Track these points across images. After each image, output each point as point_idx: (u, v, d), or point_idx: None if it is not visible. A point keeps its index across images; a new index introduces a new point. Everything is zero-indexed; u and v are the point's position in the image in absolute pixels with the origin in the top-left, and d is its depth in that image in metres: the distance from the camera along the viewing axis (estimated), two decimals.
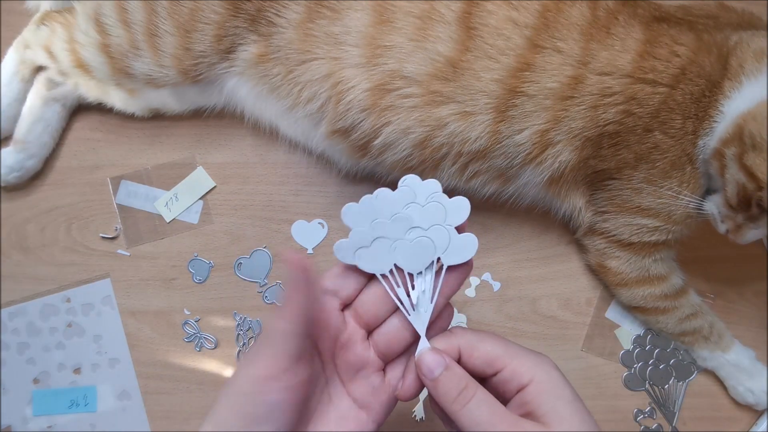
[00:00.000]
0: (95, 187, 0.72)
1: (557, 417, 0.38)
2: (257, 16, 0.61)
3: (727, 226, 0.61)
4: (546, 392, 0.39)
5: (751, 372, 0.68)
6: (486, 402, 0.39)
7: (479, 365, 0.41)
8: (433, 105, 0.60)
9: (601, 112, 0.59)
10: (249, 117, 0.71)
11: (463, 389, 0.39)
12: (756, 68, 0.58)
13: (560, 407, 0.39)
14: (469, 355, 0.41)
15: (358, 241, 0.41)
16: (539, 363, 0.40)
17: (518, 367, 0.40)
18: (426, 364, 0.40)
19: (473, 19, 0.59)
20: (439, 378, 0.40)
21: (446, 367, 0.40)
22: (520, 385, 0.40)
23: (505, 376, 0.40)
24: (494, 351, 0.41)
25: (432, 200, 0.41)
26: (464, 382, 0.40)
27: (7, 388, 0.68)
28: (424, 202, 0.41)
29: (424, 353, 0.41)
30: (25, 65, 0.70)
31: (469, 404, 0.39)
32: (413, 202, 0.41)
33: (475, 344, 0.41)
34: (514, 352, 0.41)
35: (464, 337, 0.42)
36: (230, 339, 0.70)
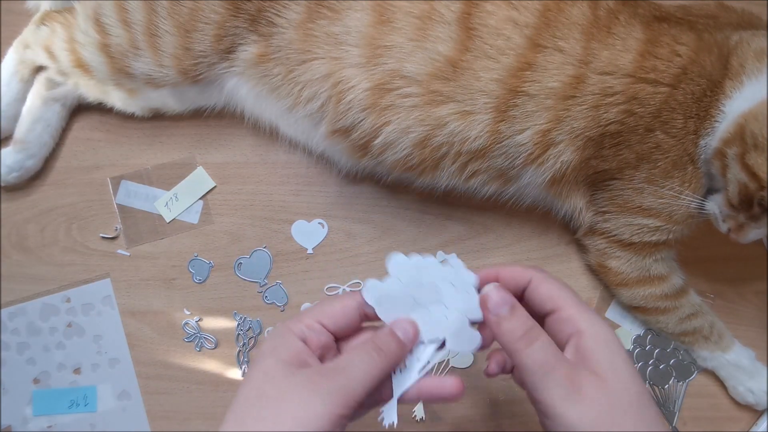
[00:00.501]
0: (95, 187, 0.72)
1: (613, 370, 0.38)
2: (257, 17, 0.61)
3: (729, 226, 0.61)
4: (603, 346, 0.39)
5: (751, 372, 0.68)
6: (550, 345, 0.40)
7: (542, 299, 0.42)
8: (432, 104, 0.60)
9: (602, 112, 0.59)
10: (249, 117, 0.71)
11: (529, 329, 0.40)
12: (757, 68, 0.58)
13: (618, 363, 0.39)
14: (536, 286, 0.42)
15: (388, 289, 0.43)
16: (598, 319, 0.41)
17: (578, 314, 0.41)
18: (494, 301, 0.42)
19: (473, 20, 0.59)
20: (506, 315, 0.41)
21: (512, 306, 0.41)
22: (576, 330, 0.40)
23: (564, 316, 0.41)
24: (557, 291, 0.42)
25: (465, 289, 0.43)
26: (530, 322, 0.41)
27: (7, 388, 0.68)
28: (458, 286, 0.43)
29: (491, 290, 0.42)
30: (24, 65, 0.70)
31: (536, 344, 0.39)
32: (450, 282, 0.44)
33: (544, 280, 0.43)
34: (577, 301, 0.42)
35: (538, 272, 0.43)
36: (230, 339, 0.70)
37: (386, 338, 0.41)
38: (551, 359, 0.39)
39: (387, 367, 0.40)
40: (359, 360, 0.40)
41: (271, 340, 0.42)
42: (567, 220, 0.71)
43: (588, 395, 0.37)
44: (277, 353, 0.40)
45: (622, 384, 0.38)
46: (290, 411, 0.37)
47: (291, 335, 0.41)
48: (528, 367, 0.39)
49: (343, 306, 0.43)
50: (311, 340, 0.42)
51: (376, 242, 0.73)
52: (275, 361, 0.40)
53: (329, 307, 0.43)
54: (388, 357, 0.40)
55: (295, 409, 0.37)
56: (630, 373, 0.39)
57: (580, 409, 0.37)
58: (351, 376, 0.39)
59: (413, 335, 0.42)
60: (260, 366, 0.40)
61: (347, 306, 0.43)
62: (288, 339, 0.41)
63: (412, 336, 0.42)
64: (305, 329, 0.42)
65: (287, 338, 0.41)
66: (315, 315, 0.43)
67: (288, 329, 0.42)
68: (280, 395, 0.38)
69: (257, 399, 0.38)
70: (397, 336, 0.42)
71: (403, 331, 0.42)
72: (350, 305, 0.43)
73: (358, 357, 0.40)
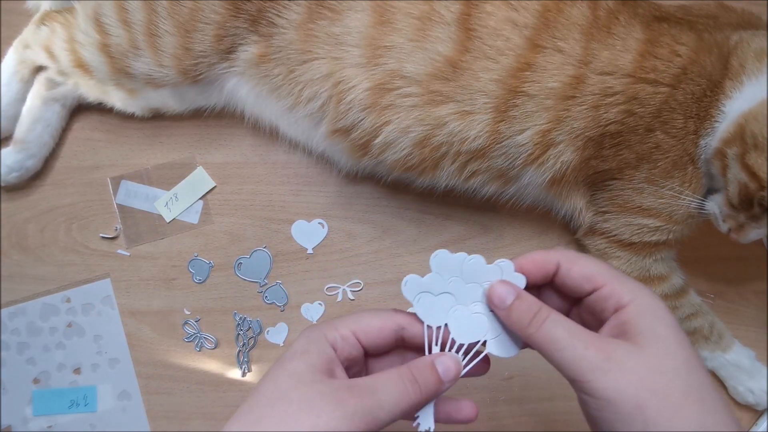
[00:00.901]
0: (95, 187, 0.72)
1: (653, 337, 0.36)
2: (258, 17, 0.61)
3: (729, 226, 0.61)
4: (645, 313, 0.37)
5: (751, 372, 0.68)
6: (561, 321, 0.38)
7: (578, 279, 0.40)
8: (432, 104, 0.60)
9: (602, 112, 0.59)
10: (249, 117, 0.71)
11: (537, 312, 0.39)
12: (757, 68, 0.58)
13: (659, 328, 0.37)
14: (568, 269, 0.40)
15: (430, 286, 0.42)
16: (641, 288, 0.39)
17: (620, 287, 0.38)
18: (497, 295, 0.40)
19: (472, 20, 0.59)
20: (512, 306, 0.40)
21: (517, 296, 0.40)
22: (619, 304, 0.38)
23: (605, 293, 0.39)
24: (594, 268, 0.40)
25: None
26: (537, 306, 0.39)
27: (7, 388, 0.68)
28: None
29: (495, 285, 0.41)
30: (24, 65, 0.70)
31: (545, 324, 0.38)
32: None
33: (576, 259, 0.40)
34: (616, 273, 0.39)
35: (565, 253, 0.41)
36: (230, 339, 0.70)
37: (425, 371, 0.39)
38: (565, 333, 0.37)
39: (419, 402, 0.38)
40: (392, 387, 0.38)
41: (302, 342, 0.40)
42: (567, 220, 0.71)
43: (621, 363, 0.35)
44: (307, 357, 0.38)
45: (664, 350, 0.36)
46: (311, 421, 0.35)
47: (324, 341, 0.40)
48: (545, 349, 0.38)
49: (381, 325, 0.41)
50: (342, 351, 0.40)
51: (376, 242, 0.73)
52: (304, 365, 0.38)
53: (367, 323, 0.41)
54: (423, 392, 0.38)
55: (316, 420, 0.35)
56: (675, 340, 0.36)
57: (614, 377, 0.35)
58: (380, 402, 0.37)
59: (454, 375, 0.40)
60: (288, 366, 0.38)
61: (386, 327, 0.41)
62: (321, 345, 0.39)
63: (453, 376, 0.40)
64: (339, 339, 0.40)
65: (320, 344, 0.39)
66: (351, 326, 0.41)
67: (322, 335, 0.40)
68: (304, 402, 0.36)
69: (279, 400, 0.37)
70: (437, 372, 0.40)
71: (444, 368, 0.40)
72: (389, 326, 0.41)
73: (392, 383, 0.38)
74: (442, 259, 0.42)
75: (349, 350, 0.40)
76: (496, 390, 0.70)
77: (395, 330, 0.41)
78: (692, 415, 0.34)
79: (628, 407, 0.34)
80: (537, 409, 0.70)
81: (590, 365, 0.35)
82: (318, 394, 0.36)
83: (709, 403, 0.35)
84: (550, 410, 0.70)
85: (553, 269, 0.41)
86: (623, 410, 0.34)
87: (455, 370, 0.40)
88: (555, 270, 0.41)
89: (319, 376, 0.37)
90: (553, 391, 0.70)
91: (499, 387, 0.70)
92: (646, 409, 0.34)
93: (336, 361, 0.39)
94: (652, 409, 0.34)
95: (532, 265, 0.41)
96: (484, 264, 0.42)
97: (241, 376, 0.70)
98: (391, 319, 0.42)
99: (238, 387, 0.69)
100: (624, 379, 0.35)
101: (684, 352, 0.36)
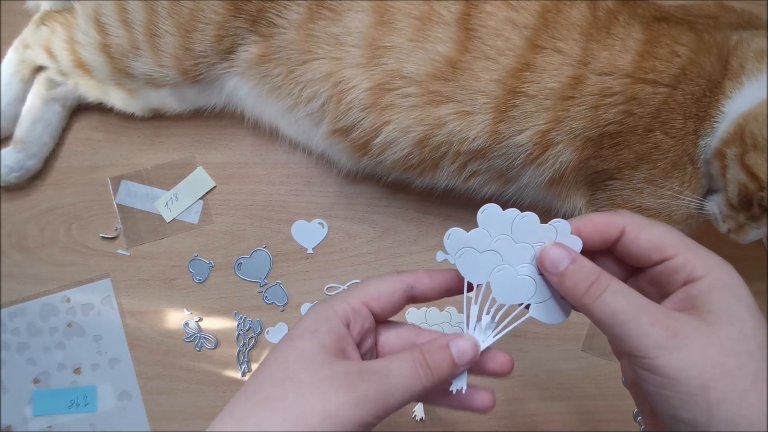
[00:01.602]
0: (95, 187, 0.72)
1: (728, 316, 0.33)
2: (258, 17, 0.61)
3: (729, 226, 0.61)
4: (721, 289, 0.34)
5: None
6: (623, 292, 0.34)
7: (645, 248, 0.36)
8: (432, 104, 0.60)
9: (601, 112, 0.59)
10: (249, 117, 0.71)
11: (595, 281, 0.35)
12: (757, 68, 0.58)
13: (735, 307, 0.33)
14: (635, 236, 0.36)
15: (474, 241, 0.39)
16: (720, 262, 0.35)
17: (694, 259, 0.35)
18: (550, 258, 0.36)
19: (472, 21, 0.59)
20: (566, 271, 0.36)
21: (573, 260, 0.36)
22: (691, 278, 0.35)
23: (675, 265, 0.35)
24: (667, 236, 0.36)
25: None
26: (595, 273, 0.35)
27: (7, 388, 0.68)
28: None
29: (548, 247, 0.37)
30: (24, 65, 0.70)
31: (604, 295, 0.34)
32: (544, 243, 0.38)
33: (644, 225, 0.36)
34: (691, 243, 0.36)
35: (632, 217, 0.37)
36: (230, 339, 0.70)
37: (438, 355, 0.37)
38: (628, 306, 0.34)
39: (431, 386, 0.37)
40: (404, 371, 0.36)
41: (312, 319, 0.38)
42: None
43: (689, 341, 0.32)
44: (318, 336, 0.37)
45: (738, 331, 0.33)
46: (321, 404, 0.34)
47: (335, 318, 0.38)
48: (604, 321, 0.34)
49: (390, 289, 0.40)
50: (354, 326, 0.38)
51: (376, 242, 0.73)
52: (315, 344, 0.36)
53: (375, 290, 0.40)
54: (435, 376, 0.37)
55: (326, 404, 0.34)
56: (753, 321, 0.33)
57: (680, 356, 0.32)
58: (391, 387, 0.35)
59: (470, 358, 0.37)
60: (297, 345, 0.37)
61: (396, 291, 0.40)
62: (332, 322, 0.38)
63: (469, 359, 0.37)
64: (351, 312, 0.38)
65: (331, 321, 0.38)
66: (361, 297, 0.39)
67: (332, 310, 0.38)
68: (315, 384, 0.35)
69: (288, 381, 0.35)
70: (452, 355, 0.37)
71: (459, 351, 0.37)
72: (398, 289, 0.39)
73: (404, 367, 0.36)
74: (491, 213, 0.38)
75: (361, 323, 0.39)
76: (496, 390, 0.70)
77: (405, 291, 0.40)
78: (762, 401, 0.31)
79: (693, 387, 0.32)
80: (537, 409, 0.70)
81: (655, 342, 0.32)
82: (328, 377, 0.35)
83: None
84: (550, 410, 0.70)
85: (616, 235, 0.37)
86: (687, 390, 0.32)
87: (471, 353, 0.38)
88: (618, 236, 0.37)
89: (330, 357, 0.36)
90: (553, 391, 0.70)
91: (499, 387, 0.70)
92: (713, 390, 0.31)
93: (348, 339, 0.38)
94: (719, 390, 0.31)
95: (593, 228, 0.37)
96: (537, 223, 0.38)
97: (241, 376, 0.70)
98: (398, 280, 0.40)
99: (238, 387, 0.69)
100: (691, 359, 0.32)
101: (760, 336, 0.33)
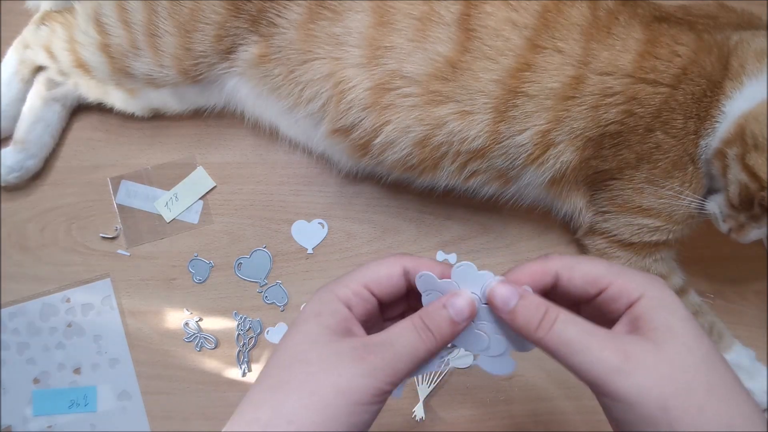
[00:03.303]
0: (95, 187, 0.72)
1: (669, 332, 0.34)
2: (258, 17, 0.61)
3: (730, 226, 0.61)
4: (657, 307, 0.35)
5: (751, 372, 0.68)
6: (572, 321, 0.35)
7: (580, 285, 0.38)
8: (432, 104, 0.60)
9: (602, 112, 0.59)
10: (249, 117, 0.71)
11: (545, 313, 0.36)
12: (757, 68, 0.58)
13: (673, 322, 0.35)
14: (568, 277, 0.38)
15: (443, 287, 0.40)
16: (650, 280, 0.37)
17: (627, 283, 0.36)
18: (500, 296, 0.37)
19: (472, 21, 0.59)
20: (516, 308, 0.37)
21: (521, 296, 0.37)
22: (630, 302, 0.36)
23: (612, 293, 0.37)
24: (596, 269, 0.37)
25: None
26: (544, 307, 0.36)
27: (7, 388, 0.68)
28: None
29: (496, 286, 0.38)
30: (24, 65, 0.70)
31: (555, 326, 0.35)
32: None
33: (573, 265, 0.38)
34: (619, 270, 0.37)
35: (561, 260, 0.39)
36: (230, 339, 0.70)
37: (437, 317, 0.38)
38: (577, 333, 0.35)
39: (435, 348, 0.38)
40: (407, 337, 0.37)
41: (313, 305, 0.39)
42: (567, 220, 0.71)
43: (640, 362, 0.33)
44: (321, 319, 0.38)
45: (682, 346, 0.34)
46: (332, 380, 0.35)
47: (336, 301, 0.39)
48: (558, 353, 0.35)
49: (389, 272, 0.40)
50: (357, 308, 0.39)
51: (376, 242, 0.73)
52: (319, 326, 0.37)
53: (374, 272, 0.40)
54: (437, 338, 0.37)
55: (337, 378, 0.35)
56: (692, 334, 0.34)
57: (635, 380, 0.33)
58: (398, 354, 0.36)
59: (468, 315, 0.38)
60: (302, 330, 0.38)
61: (394, 273, 0.40)
62: (333, 305, 0.38)
63: (467, 316, 0.38)
64: (351, 295, 0.39)
65: (332, 304, 0.38)
66: (361, 280, 0.40)
67: (333, 294, 0.39)
68: (323, 362, 0.36)
69: (298, 363, 0.36)
70: (449, 313, 0.38)
71: (456, 311, 0.38)
72: (397, 271, 0.40)
73: (406, 334, 0.37)
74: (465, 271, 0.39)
75: (364, 305, 0.39)
76: (496, 390, 0.70)
77: (402, 275, 0.40)
78: (718, 412, 0.32)
79: (652, 408, 0.33)
80: (537, 409, 0.70)
81: (608, 368, 0.33)
82: (335, 354, 0.36)
83: (735, 399, 0.33)
84: (550, 410, 0.70)
85: (551, 280, 0.39)
86: (647, 412, 0.33)
87: (468, 311, 0.38)
88: (553, 280, 0.39)
89: (335, 336, 0.37)
90: (552, 392, 0.70)
91: (499, 387, 0.70)
92: (672, 409, 0.32)
93: (352, 320, 0.38)
94: (677, 409, 0.32)
95: (530, 277, 0.39)
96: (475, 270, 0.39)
97: (241, 376, 0.70)
98: (397, 263, 0.40)
99: (238, 387, 0.69)
100: (646, 380, 0.33)
101: (703, 347, 0.34)
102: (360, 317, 0.39)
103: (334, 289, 0.39)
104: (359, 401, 0.35)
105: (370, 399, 0.35)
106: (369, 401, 0.35)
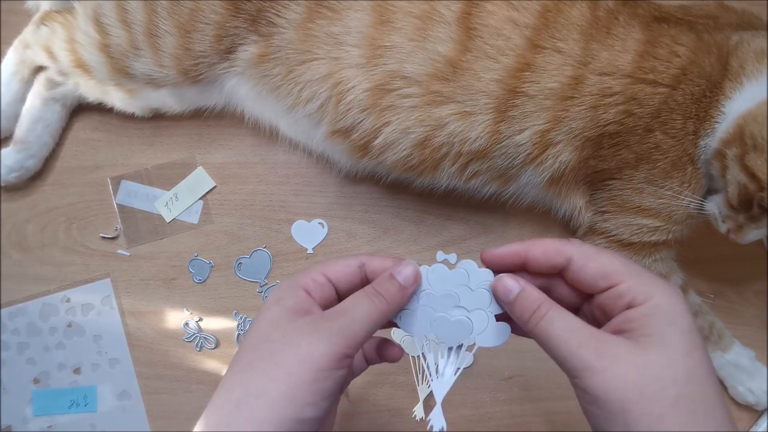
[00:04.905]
0: (95, 187, 0.72)
1: (659, 341, 0.35)
2: (257, 17, 0.61)
3: (729, 226, 0.61)
4: (657, 315, 0.36)
5: (751, 372, 0.68)
6: (560, 317, 0.38)
7: (593, 276, 0.39)
8: (432, 105, 0.60)
9: (601, 113, 0.59)
10: (249, 117, 0.71)
11: (537, 308, 0.39)
12: (757, 69, 0.58)
13: (669, 332, 0.35)
14: (583, 265, 0.39)
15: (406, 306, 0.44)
16: (662, 288, 0.37)
17: (637, 285, 0.37)
18: (503, 287, 0.41)
19: (473, 20, 0.59)
20: (515, 299, 0.40)
21: (521, 289, 0.40)
22: (632, 303, 0.37)
23: (620, 291, 0.38)
24: (612, 264, 0.39)
25: (482, 287, 0.43)
26: (538, 301, 0.39)
27: (7, 388, 0.68)
28: (474, 287, 0.43)
29: (503, 277, 0.41)
30: (24, 65, 0.70)
31: (543, 320, 0.38)
32: (465, 285, 0.43)
33: (592, 255, 0.39)
34: (636, 271, 0.38)
35: (580, 247, 0.40)
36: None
37: (386, 283, 0.41)
38: (561, 330, 0.37)
39: (387, 312, 0.41)
40: (360, 303, 0.40)
41: (275, 292, 0.42)
42: (567, 220, 0.71)
43: (613, 363, 0.35)
44: (282, 303, 0.41)
45: (666, 357, 0.35)
46: (294, 352, 0.38)
47: (296, 287, 0.42)
48: (544, 344, 0.38)
49: (346, 263, 0.44)
50: (315, 292, 0.42)
51: (376, 242, 0.73)
52: (280, 309, 0.40)
53: (333, 263, 0.44)
54: (389, 301, 0.41)
55: (297, 350, 0.38)
56: (683, 347, 0.35)
57: (603, 378, 0.35)
58: (352, 318, 0.39)
59: (413, 280, 0.42)
60: (265, 314, 0.41)
61: (350, 264, 0.43)
62: (294, 290, 0.42)
63: (413, 280, 0.42)
64: (310, 282, 0.42)
65: (292, 289, 0.42)
66: (319, 269, 0.43)
67: (293, 281, 0.42)
68: (284, 339, 0.38)
69: (264, 343, 0.39)
70: (397, 280, 0.41)
71: (403, 277, 0.41)
72: (353, 263, 0.43)
73: (359, 300, 0.41)
74: None
75: (322, 290, 0.42)
76: (496, 390, 0.70)
77: (359, 266, 0.43)
78: (681, 425, 0.34)
79: (614, 407, 0.34)
80: (537, 409, 0.70)
81: (582, 363, 0.36)
82: (295, 330, 0.39)
83: (705, 416, 0.34)
84: (550, 410, 0.70)
85: (563, 262, 0.40)
86: (608, 409, 0.35)
87: (413, 275, 0.42)
88: (565, 263, 0.40)
89: (296, 316, 0.40)
90: (553, 391, 0.70)
91: (499, 387, 0.70)
92: (630, 412, 0.34)
93: (311, 302, 0.41)
94: (635, 412, 0.34)
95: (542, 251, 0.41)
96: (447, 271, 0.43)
97: None
98: (353, 258, 0.44)
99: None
100: (613, 380, 0.35)
101: (689, 362, 0.35)
102: (319, 301, 0.42)
103: (295, 277, 0.43)
104: (321, 367, 0.37)
105: (330, 365, 0.37)
106: (330, 366, 0.37)
